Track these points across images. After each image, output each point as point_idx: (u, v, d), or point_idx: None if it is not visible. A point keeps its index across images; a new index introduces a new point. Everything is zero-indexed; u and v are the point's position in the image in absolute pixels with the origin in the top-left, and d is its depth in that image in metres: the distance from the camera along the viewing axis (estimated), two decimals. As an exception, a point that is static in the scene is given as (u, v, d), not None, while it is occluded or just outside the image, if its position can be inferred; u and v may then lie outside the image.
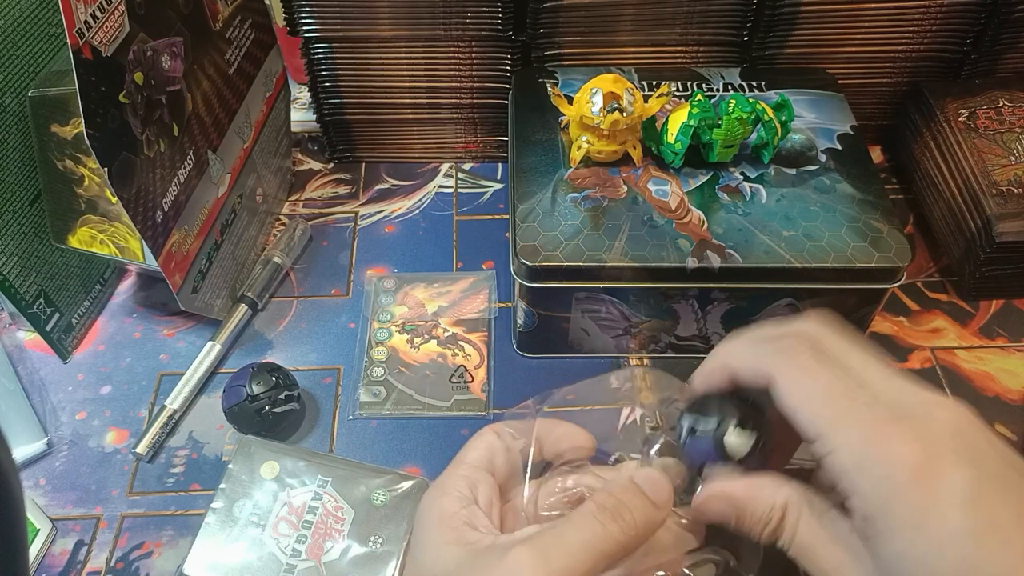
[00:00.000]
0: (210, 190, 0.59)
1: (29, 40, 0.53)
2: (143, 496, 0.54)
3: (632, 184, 0.58)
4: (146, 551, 0.52)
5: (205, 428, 0.57)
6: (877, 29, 0.66)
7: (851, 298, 0.56)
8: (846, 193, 0.57)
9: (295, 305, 0.65)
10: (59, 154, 0.54)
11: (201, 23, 0.57)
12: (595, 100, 0.55)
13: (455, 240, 0.69)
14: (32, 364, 0.61)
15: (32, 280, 0.57)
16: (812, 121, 0.62)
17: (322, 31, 0.66)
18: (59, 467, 0.55)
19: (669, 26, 0.66)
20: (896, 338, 0.62)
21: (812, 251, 0.53)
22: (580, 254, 0.53)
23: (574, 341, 0.60)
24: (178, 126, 0.54)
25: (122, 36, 0.48)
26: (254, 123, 0.66)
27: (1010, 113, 0.65)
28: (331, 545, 0.49)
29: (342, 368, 0.61)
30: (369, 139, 0.75)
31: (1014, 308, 0.64)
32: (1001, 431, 0.57)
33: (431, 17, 0.65)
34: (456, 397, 0.59)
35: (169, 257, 0.54)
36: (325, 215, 0.72)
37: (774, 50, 0.67)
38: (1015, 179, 0.60)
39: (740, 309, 0.56)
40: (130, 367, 0.61)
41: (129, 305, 0.65)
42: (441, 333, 0.62)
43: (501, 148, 0.75)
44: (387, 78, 0.70)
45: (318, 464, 0.52)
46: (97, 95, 0.46)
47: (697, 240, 0.54)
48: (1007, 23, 0.65)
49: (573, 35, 0.66)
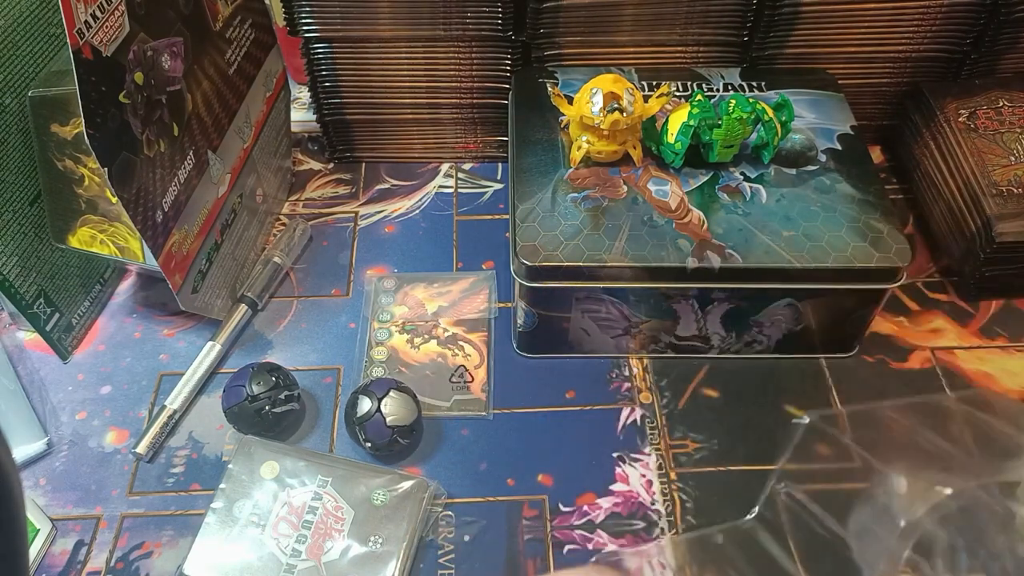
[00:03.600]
0: (210, 190, 0.59)
1: (29, 40, 0.53)
2: (143, 496, 0.54)
3: (632, 184, 0.58)
4: (146, 551, 0.52)
5: (205, 428, 0.57)
6: (877, 29, 0.66)
7: (851, 298, 0.56)
8: (846, 193, 0.57)
9: (295, 305, 0.65)
10: (59, 154, 0.54)
11: (201, 23, 0.57)
12: (595, 100, 0.55)
13: (455, 240, 0.69)
14: (32, 364, 0.61)
15: (32, 280, 0.57)
16: (812, 121, 0.62)
17: (322, 31, 0.66)
18: (59, 467, 0.55)
19: (669, 26, 0.66)
20: (896, 338, 0.62)
21: (812, 251, 0.53)
22: (580, 254, 0.53)
23: (574, 341, 0.60)
24: (178, 126, 0.54)
25: (122, 36, 0.48)
26: (254, 123, 0.66)
27: (1010, 113, 0.65)
28: (331, 545, 0.49)
29: (342, 368, 0.61)
30: (369, 139, 0.75)
31: (1014, 308, 0.64)
32: (1001, 431, 0.57)
33: (431, 17, 0.65)
34: (456, 397, 0.59)
35: (169, 257, 0.54)
36: (325, 215, 0.72)
37: (774, 50, 0.67)
38: (1015, 179, 0.60)
39: (740, 309, 0.56)
40: (130, 367, 0.61)
41: (129, 305, 0.65)
42: (441, 333, 0.62)
43: (501, 148, 0.75)
44: (387, 78, 0.70)
45: (318, 464, 0.52)
46: (97, 95, 0.46)
47: (697, 240, 0.54)
48: (1007, 23, 0.65)
49: (573, 35, 0.66)
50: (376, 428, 0.53)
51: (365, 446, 0.54)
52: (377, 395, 0.53)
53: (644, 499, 0.53)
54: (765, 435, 0.56)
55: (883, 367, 0.60)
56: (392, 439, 0.53)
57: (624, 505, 0.53)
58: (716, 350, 0.60)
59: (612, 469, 0.55)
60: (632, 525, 0.52)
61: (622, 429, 0.57)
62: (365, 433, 0.53)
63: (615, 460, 0.55)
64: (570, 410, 0.58)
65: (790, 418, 0.57)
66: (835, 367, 0.60)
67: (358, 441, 0.54)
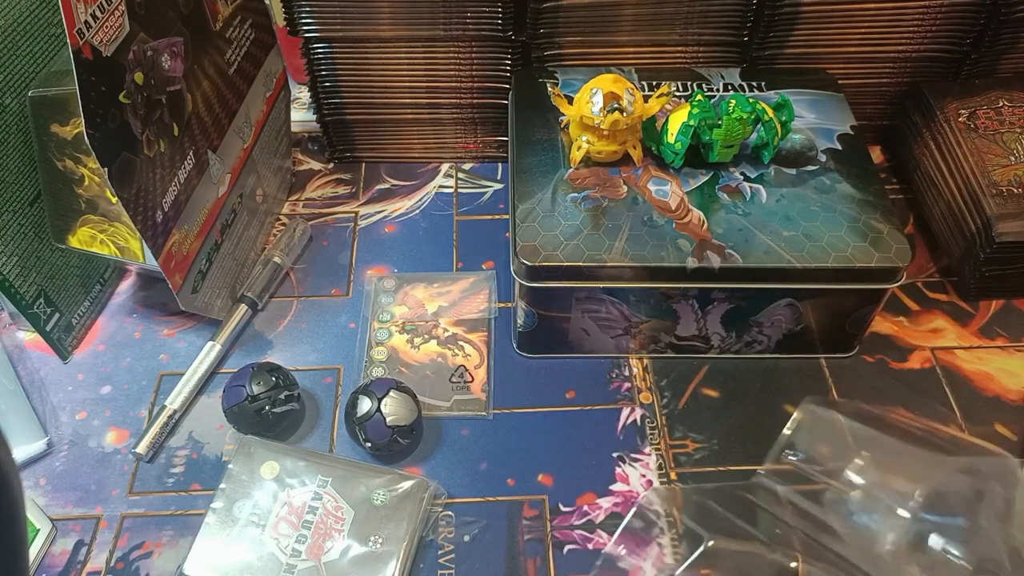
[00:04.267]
0: (210, 190, 0.59)
1: (29, 40, 0.53)
2: (143, 496, 0.54)
3: (632, 184, 0.58)
4: (146, 551, 0.52)
5: (205, 428, 0.57)
6: (877, 29, 0.66)
7: (851, 298, 0.56)
8: (846, 193, 0.57)
9: (295, 305, 0.65)
10: (59, 154, 0.54)
11: (201, 23, 0.57)
12: (595, 100, 0.55)
13: (455, 240, 0.69)
14: (32, 364, 0.61)
15: (32, 280, 0.57)
16: (812, 121, 0.62)
17: (322, 31, 0.66)
18: (59, 467, 0.55)
19: (669, 26, 0.66)
20: (896, 338, 0.62)
21: (812, 251, 0.53)
22: (580, 254, 0.53)
23: (574, 341, 0.60)
24: (178, 126, 0.54)
25: (122, 36, 0.48)
26: (254, 123, 0.66)
27: (1010, 113, 0.65)
28: (331, 545, 0.49)
29: (342, 368, 0.61)
30: (369, 139, 0.75)
31: (1014, 308, 0.64)
32: (1001, 431, 0.57)
33: (431, 17, 0.65)
34: (456, 397, 0.59)
35: (169, 257, 0.54)
36: (325, 215, 0.72)
37: (774, 50, 0.67)
38: (1015, 179, 0.60)
39: (740, 309, 0.56)
40: (130, 367, 0.61)
41: (129, 305, 0.65)
42: (441, 333, 0.62)
43: (501, 148, 0.75)
44: (387, 78, 0.70)
45: (318, 464, 0.52)
46: (97, 95, 0.46)
47: (697, 240, 0.54)
48: (1007, 23, 0.65)
49: (573, 35, 0.66)
50: (376, 428, 0.53)
51: (365, 446, 0.54)
52: (377, 395, 0.53)
53: (644, 499, 0.53)
54: (765, 435, 0.56)
55: (883, 367, 0.60)
56: (392, 439, 0.53)
57: (624, 505, 0.53)
58: (716, 350, 0.60)
59: (612, 469, 0.55)
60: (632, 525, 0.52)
61: (622, 429, 0.57)
62: (365, 433, 0.53)
63: (615, 460, 0.55)
64: (570, 410, 0.58)
65: (790, 418, 0.57)
66: (835, 367, 0.60)
67: (358, 441, 0.54)
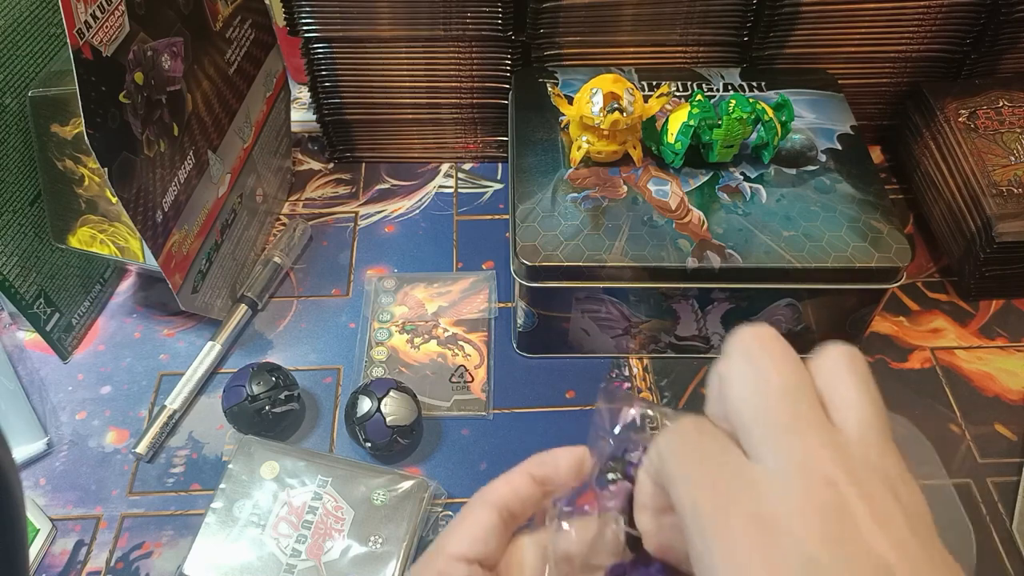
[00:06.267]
0: (210, 190, 0.59)
1: (29, 40, 0.53)
2: (143, 496, 0.54)
3: (632, 184, 0.58)
4: (146, 551, 0.52)
5: (205, 428, 0.57)
6: (877, 29, 0.66)
7: (851, 298, 0.56)
8: (846, 193, 0.57)
9: (295, 305, 0.65)
10: (59, 154, 0.54)
11: (201, 23, 0.57)
12: (595, 100, 0.55)
13: (455, 240, 0.69)
14: (32, 364, 0.61)
15: (32, 280, 0.57)
16: (812, 121, 0.62)
17: (322, 31, 0.66)
18: (59, 467, 0.55)
19: (669, 26, 0.66)
20: (896, 338, 0.62)
21: (812, 251, 0.53)
22: (580, 254, 0.53)
23: (574, 341, 0.60)
24: (178, 126, 0.54)
25: (122, 36, 0.48)
26: (254, 123, 0.66)
27: (1010, 113, 0.65)
28: (331, 545, 0.49)
29: (342, 368, 0.61)
30: (369, 139, 0.75)
31: (1014, 308, 0.64)
32: (1001, 431, 0.57)
33: (431, 17, 0.65)
34: (456, 397, 0.59)
35: (169, 257, 0.54)
36: (325, 215, 0.72)
37: (774, 50, 0.67)
38: (1015, 179, 0.60)
39: (740, 309, 0.56)
40: (130, 367, 0.61)
41: (129, 305, 0.65)
42: (441, 333, 0.62)
43: (501, 148, 0.75)
44: (387, 78, 0.70)
45: (318, 464, 0.52)
46: (97, 95, 0.46)
47: (697, 240, 0.54)
48: (1007, 23, 0.65)
49: (573, 35, 0.66)
50: (376, 428, 0.53)
51: (365, 446, 0.54)
52: (377, 395, 0.53)
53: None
54: (765, 435, 0.56)
55: (883, 367, 0.60)
56: (392, 439, 0.53)
57: (624, 505, 0.53)
58: (716, 350, 0.60)
59: (612, 469, 0.55)
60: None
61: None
62: (365, 433, 0.53)
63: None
64: (570, 410, 0.58)
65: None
66: (835, 367, 0.60)
67: (358, 441, 0.54)
